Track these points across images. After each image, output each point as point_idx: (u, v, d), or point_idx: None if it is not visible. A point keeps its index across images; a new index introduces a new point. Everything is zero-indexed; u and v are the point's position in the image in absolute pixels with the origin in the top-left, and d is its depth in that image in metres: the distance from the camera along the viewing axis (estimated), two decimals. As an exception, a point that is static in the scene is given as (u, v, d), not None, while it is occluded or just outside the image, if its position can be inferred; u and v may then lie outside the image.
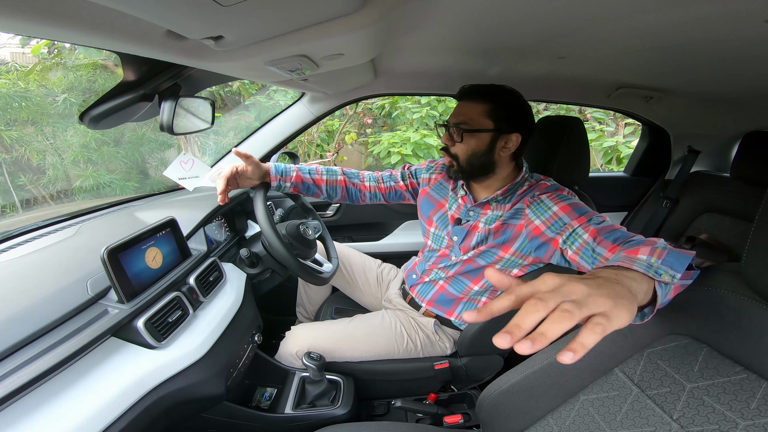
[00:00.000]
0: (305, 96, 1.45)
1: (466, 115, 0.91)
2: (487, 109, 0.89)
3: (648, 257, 0.53)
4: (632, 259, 0.52)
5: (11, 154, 2.10)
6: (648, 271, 0.49)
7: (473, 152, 0.92)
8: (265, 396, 1.03)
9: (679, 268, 0.51)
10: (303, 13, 0.52)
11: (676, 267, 0.51)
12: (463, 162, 0.94)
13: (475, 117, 0.90)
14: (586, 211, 0.83)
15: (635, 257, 0.53)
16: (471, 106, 0.91)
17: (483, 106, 0.90)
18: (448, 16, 0.69)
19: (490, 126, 0.90)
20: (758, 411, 0.44)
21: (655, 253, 0.53)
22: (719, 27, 0.62)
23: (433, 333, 1.11)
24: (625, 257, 0.55)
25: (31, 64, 2.28)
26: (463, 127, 0.91)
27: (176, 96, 0.85)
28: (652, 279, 0.48)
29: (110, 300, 0.68)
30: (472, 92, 0.92)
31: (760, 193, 0.53)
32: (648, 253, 0.54)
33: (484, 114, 0.90)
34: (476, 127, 0.90)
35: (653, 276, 0.48)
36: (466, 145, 0.92)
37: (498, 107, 0.90)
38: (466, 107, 0.92)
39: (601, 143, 2.98)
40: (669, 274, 0.50)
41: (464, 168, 0.95)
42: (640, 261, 0.51)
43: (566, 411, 0.63)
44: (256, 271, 1.07)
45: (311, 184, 1.13)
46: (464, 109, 0.92)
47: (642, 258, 0.53)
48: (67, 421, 0.51)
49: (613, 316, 0.35)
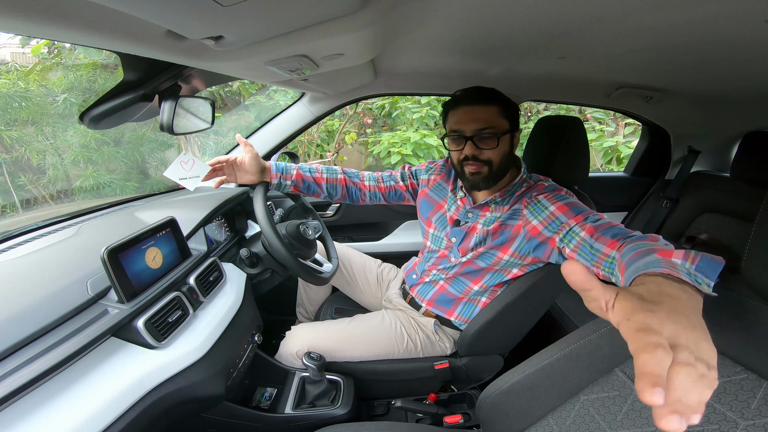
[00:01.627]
0: (305, 96, 1.45)
1: (488, 120, 0.88)
2: (500, 111, 0.90)
3: (683, 262, 0.48)
4: (672, 265, 0.47)
5: (11, 154, 2.10)
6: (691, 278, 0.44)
7: (504, 155, 0.92)
8: (265, 396, 1.03)
9: (711, 275, 0.47)
10: (303, 13, 0.52)
11: (709, 275, 0.47)
12: (496, 167, 0.91)
13: (496, 120, 0.89)
14: (583, 209, 0.83)
15: (672, 261, 0.48)
16: (486, 110, 0.89)
17: (495, 107, 0.89)
18: (448, 16, 0.69)
19: (509, 126, 0.91)
20: (758, 411, 0.44)
21: (689, 257, 0.49)
22: (719, 27, 0.62)
23: (433, 333, 1.11)
24: (665, 261, 0.48)
25: (31, 64, 2.28)
26: (490, 132, 0.88)
27: (176, 96, 0.85)
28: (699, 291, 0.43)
29: (110, 300, 0.68)
30: (479, 96, 0.90)
31: (760, 193, 0.53)
32: (682, 257, 0.49)
33: (500, 115, 0.90)
34: (503, 129, 0.90)
35: (696, 285, 0.43)
36: (499, 149, 0.90)
37: (505, 107, 0.90)
38: (481, 112, 0.89)
39: (601, 143, 2.98)
40: (705, 283, 0.45)
41: (495, 173, 0.92)
42: (681, 268, 0.46)
43: (566, 411, 0.63)
44: (256, 271, 1.07)
45: (311, 183, 1.13)
46: (481, 114, 0.89)
47: (678, 262, 0.48)
48: (68, 421, 0.51)
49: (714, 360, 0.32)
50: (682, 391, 0.29)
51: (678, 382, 0.29)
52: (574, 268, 0.35)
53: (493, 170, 0.92)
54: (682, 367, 0.30)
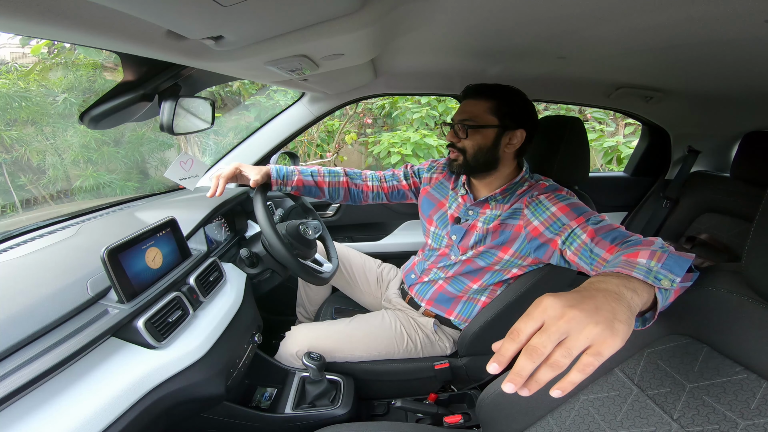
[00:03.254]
0: (305, 96, 1.45)
1: (471, 113, 0.93)
2: (491, 107, 0.92)
3: (648, 261, 0.52)
4: (632, 264, 0.52)
5: (11, 154, 2.10)
6: (647, 277, 0.49)
7: (479, 147, 0.94)
8: (265, 396, 1.03)
9: (678, 271, 0.51)
10: (303, 13, 0.52)
11: (675, 271, 0.50)
12: (470, 157, 0.95)
13: (480, 114, 0.92)
14: (584, 210, 0.83)
15: (635, 261, 0.53)
16: (475, 103, 0.93)
17: (487, 103, 0.92)
18: (448, 16, 0.69)
19: (495, 122, 0.92)
20: (758, 411, 0.44)
21: (654, 256, 0.53)
22: (719, 27, 0.62)
23: (433, 333, 1.11)
24: (624, 262, 0.54)
25: (31, 64, 2.28)
26: (468, 123, 0.93)
27: (176, 96, 0.85)
28: (652, 286, 0.48)
29: (110, 300, 0.68)
30: (476, 91, 0.95)
31: (760, 193, 0.53)
32: (648, 257, 0.53)
33: (489, 111, 0.92)
34: (481, 124, 0.92)
35: (653, 283, 0.48)
36: (471, 140, 0.94)
37: (501, 104, 0.92)
38: (470, 105, 0.94)
39: (602, 143, 2.98)
40: (669, 279, 0.49)
41: (470, 163, 0.95)
42: (640, 266, 0.51)
43: (566, 411, 0.63)
44: (256, 271, 1.07)
45: (313, 187, 1.14)
46: (469, 107, 0.94)
47: (642, 262, 0.52)
48: (68, 421, 0.51)
49: (605, 346, 0.38)
50: (518, 368, 0.38)
51: (519, 359, 0.38)
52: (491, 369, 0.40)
53: (467, 159, 0.95)
54: (526, 350, 0.38)
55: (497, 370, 0.39)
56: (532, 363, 0.37)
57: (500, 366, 0.39)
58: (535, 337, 0.39)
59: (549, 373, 0.37)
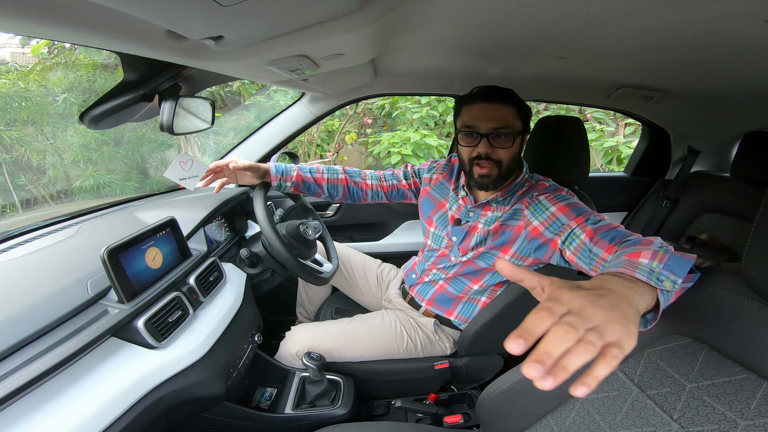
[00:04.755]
0: (305, 96, 1.45)
1: (504, 120, 0.88)
2: (515, 112, 0.90)
3: (650, 261, 0.52)
4: (634, 265, 0.51)
5: (11, 154, 2.10)
6: (650, 278, 0.48)
7: (514, 156, 0.92)
8: (265, 396, 1.03)
9: (680, 273, 0.50)
10: (303, 13, 0.52)
11: (677, 272, 0.50)
12: (506, 168, 0.92)
13: (512, 120, 0.89)
14: (584, 210, 0.83)
15: (637, 262, 0.52)
16: (503, 109, 0.89)
17: (512, 108, 0.89)
18: (448, 16, 0.69)
19: (521, 128, 0.91)
20: (758, 411, 0.44)
21: (656, 257, 0.52)
22: (719, 27, 0.62)
23: (433, 333, 1.11)
24: (626, 262, 0.53)
25: (31, 64, 2.27)
26: (505, 131, 0.88)
27: (176, 96, 0.85)
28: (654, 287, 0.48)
29: (110, 300, 0.68)
30: (499, 95, 0.89)
31: (760, 193, 0.53)
32: (650, 257, 0.52)
33: (516, 116, 0.90)
34: (517, 131, 0.90)
35: (655, 284, 0.48)
36: (507, 151, 0.90)
37: (519, 109, 0.91)
38: (499, 111, 0.88)
39: (602, 143, 2.98)
40: (670, 280, 0.49)
41: (504, 174, 0.93)
42: (642, 267, 0.50)
43: (566, 411, 0.63)
44: (256, 271, 1.07)
45: (312, 183, 1.14)
46: (498, 113, 0.88)
47: (644, 263, 0.52)
48: (68, 421, 0.51)
49: (625, 344, 0.35)
50: (550, 345, 0.31)
51: (550, 336, 0.32)
52: (502, 266, 0.38)
53: (502, 171, 0.92)
54: (560, 325, 0.32)
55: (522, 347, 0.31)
56: (566, 340, 0.32)
57: (526, 344, 0.32)
58: (567, 316, 0.34)
59: (581, 356, 0.32)
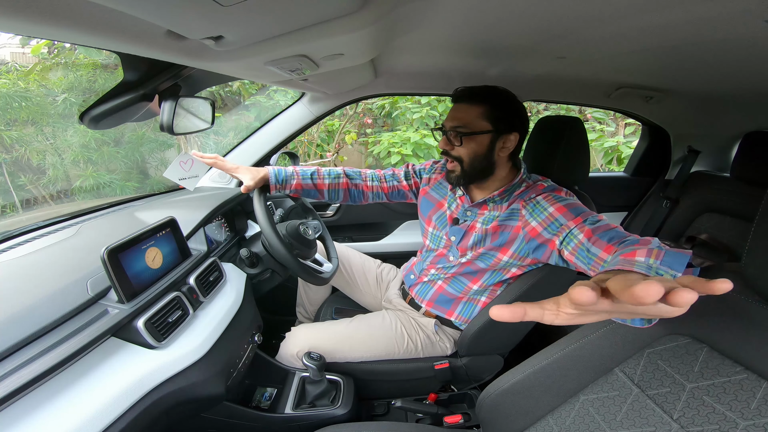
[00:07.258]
0: (305, 96, 1.45)
1: (463, 119, 0.91)
2: (484, 111, 0.90)
3: (646, 258, 0.52)
4: (631, 262, 0.51)
5: (11, 154, 2.10)
6: (649, 273, 0.48)
7: (475, 155, 0.92)
8: (265, 396, 1.03)
9: (678, 267, 0.50)
10: (303, 13, 0.52)
11: (675, 267, 0.50)
12: (467, 165, 0.93)
13: (473, 120, 0.90)
14: (582, 211, 0.83)
15: (633, 260, 0.52)
16: (467, 108, 0.91)
17: (479, 108, 0.90)
18: (448, 16, 0.69)
19: (488, 128, 0.90)
20: (758, 411, 0.44)
21: (652, 254, 0.53)
22: (719, 27, 0.62)
23: (434, 333, 1.11)
24: (623, 260, 0.54)
25: (31, 64, 2.28)
26: (461, 130, 0.91)
27: (176, 96, 0.85)
28: None
29: (110, 300, 0.68)
30: (466, 95, 0.92)
31: (760, 193, 0.53)
32: (645, 255, 0.53)
33: (481, 116, 0.90)
34: (474, 130, 0.90)
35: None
36: (466, 148, 0.92)
37: (493, 108, 0.90)
38: (461, 110, 0.92)
39: (602, 143, 2.98)
40: (669, 275, 0.49)
41: (467, 171, 0.94)
42: (639, 263, 0.51)
43: (566, 411, 0.63)
44: (256, 271, 1.07)
45: (312, 190, 1.14)
46: (460, 113, 0.92)
47: (640, 260, 0.52)
48: (67, 421, 0.51)
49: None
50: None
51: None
52: (497, 313, 0.34)
53: (465, 168, 0.94)
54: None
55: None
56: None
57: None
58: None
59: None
